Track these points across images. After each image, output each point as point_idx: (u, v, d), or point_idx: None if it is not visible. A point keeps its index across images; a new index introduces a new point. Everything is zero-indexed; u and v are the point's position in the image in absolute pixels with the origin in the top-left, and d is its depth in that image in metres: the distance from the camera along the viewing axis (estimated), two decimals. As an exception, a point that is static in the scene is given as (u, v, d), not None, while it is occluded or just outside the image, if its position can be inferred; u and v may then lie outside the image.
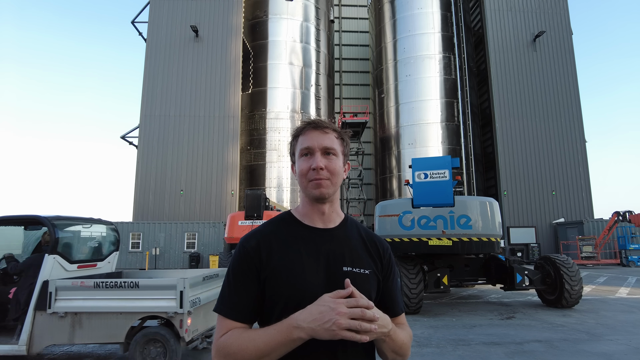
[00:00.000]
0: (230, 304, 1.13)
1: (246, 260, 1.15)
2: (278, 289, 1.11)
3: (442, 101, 27.01)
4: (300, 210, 1.24)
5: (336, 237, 1.20)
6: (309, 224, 1.21)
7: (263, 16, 28.46)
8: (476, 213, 8.45)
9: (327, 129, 1.20)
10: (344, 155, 1.24)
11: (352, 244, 1.20)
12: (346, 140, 1.26)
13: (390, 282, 1.25)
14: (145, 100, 25.82)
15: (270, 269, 1.13)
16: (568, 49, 27.44)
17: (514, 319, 7.69)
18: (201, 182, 24.96)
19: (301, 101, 27.99)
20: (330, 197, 1.19)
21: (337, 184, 1.19)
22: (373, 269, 1.19)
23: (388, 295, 1.24)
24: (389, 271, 1.25)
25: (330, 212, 1.22)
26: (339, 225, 1.23)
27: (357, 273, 1.14)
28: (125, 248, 21.08)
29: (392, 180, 28.36)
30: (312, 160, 1.16)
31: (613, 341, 5.95)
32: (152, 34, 26.70)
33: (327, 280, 1.11)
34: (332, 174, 1.17)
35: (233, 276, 1.16)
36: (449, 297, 10.75)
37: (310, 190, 1.17)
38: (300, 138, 1.21)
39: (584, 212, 25.15)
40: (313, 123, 1.20)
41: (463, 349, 5.67)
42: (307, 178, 1.17)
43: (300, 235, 1.19)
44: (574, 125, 26.43)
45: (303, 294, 1.08)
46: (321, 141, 1.17)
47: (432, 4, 28.20)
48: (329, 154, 1.18)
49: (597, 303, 9.36)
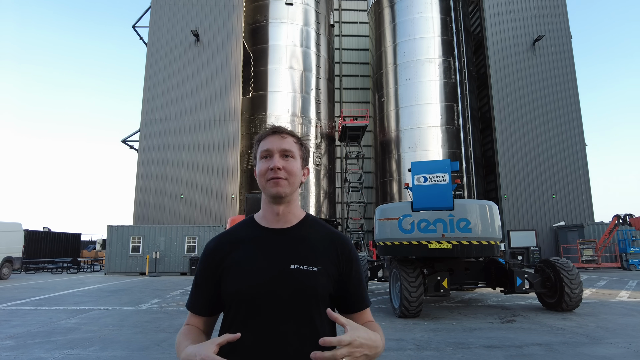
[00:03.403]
0: (192, 300, 1.31)
1: (204, 260, 1.30)
2: (229, 285, 1.23)
3: (442, 105, 27.06)
4: (260, 214, 1.34)
5: (289, 237, 1.28)
6: (265, 225, 1.31)
7: (263, 20, 28.58)
8: (476, 216, 8.47)
9: (285, 134, 1.30)
10: (302, 159, 1.32)
11: (305, 243, 1.28)
12: (305, 146, 1.35)
13: (352, 278, 1.31)
14: (145, 104, 25.89)
15: (223, 267, 1.25)
16: (567, 53, 27.52)
17: (514, 323, 7.68)
18: (202, 185, 24.98)
19: (301, 105, 28.04)
20: (288, 197, 1.27)
21: (294, 184, 1.28)
22: (325, 267, 1.25)
23: (349, 291, 1.30)
24: (350, 267, 1.30)
25: (286, 212, 1.30)
26: (295, 225, 1.31)
27: (304, 270, 1.21)
28: (125, 252, 21.08)
29: (393, 183, 28.37)
30: (271, 162, 1.25)
31: (613, 344, 5.95)
32: (153, 39, 26.81)
33: (273, 278, 1.20)
34: (289, 174, 1.25)
35: (196, 276, 1.33)
36: (449, 301, 10.74)
37: (269, 189, 1.25)
38: (261, 143, 1.30)
39: (585, 215, 25.13)
40: (273, 129, 1.31)
41: (463, 353, 5.66)
42: (265, 177, 1.25)
43: (255, 235, 1.29)
44: (574, 129, 26.47)
45: (249, 290, 1.19)
46: (280, 144, 1.27)
47: (431, 9, 28.31)
48: (287, 157, 1.27)
49: (597, 306, 9.34)
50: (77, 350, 5.85)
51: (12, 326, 7.50)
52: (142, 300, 11.09)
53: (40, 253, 26.08)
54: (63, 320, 8.07)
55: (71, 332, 6.98)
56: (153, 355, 5.57)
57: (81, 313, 8.97)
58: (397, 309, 8.40)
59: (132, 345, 6.14)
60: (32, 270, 23.79)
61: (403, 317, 8.20)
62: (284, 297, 1.18)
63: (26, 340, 6.43)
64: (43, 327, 7.43)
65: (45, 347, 5.96)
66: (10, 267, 18.69)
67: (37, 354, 5.60)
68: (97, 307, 9.80)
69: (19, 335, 6.73)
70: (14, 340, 6.44)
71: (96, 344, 6.17)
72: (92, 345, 6.09)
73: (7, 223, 19.20)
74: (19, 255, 19.35)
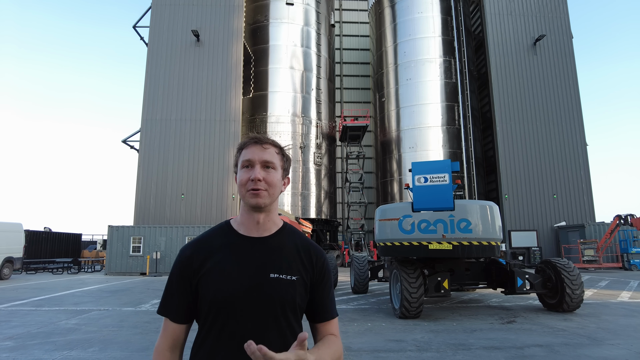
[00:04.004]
0: (167, 306, 1.28)
1: (180, 267, 1.29)
2: (205, 293, 1.22)
3: (442, 105, 27.05)
4: (238, 220, 1.33)
5: (268, 245, 1.28)
6: (243, 232, 1.30)
7: (264, 20, 28.59)
8: (476, 217, 8.44)
9: (267, 145, 1.30)
10: (283, 169, 1.33)
11: (283, 252, 1.29)
12: (286, 156, 1.36)
13: (322, 288, 1.33)
14: (146, 104, 25.90)
15: (199, 275, 1.24)
16: (568, 53, 27.48)
17: (515, 323, 7.66)
18: (202, 186, 24.99)
19: (302, 105, 28.04)
20: (267, 207, 1.28)
21: (274, 195, 1.28)
22: (302, 276, 1.27)
23: (319, 301, 1.32)
24: (322, 278, 1.33)
25: (266, 221, 1.30)
26: (274, 234, 1.31)
27: (283, 279, 1.23)
28: (126, 252, 21.08)
29: (393, 183, 28.36)
30: (252, 172, 1.25)
31: (614, 346, 5.92)
32: (154, 39, 26.82)
33: (251, 286, 1.21)
34: (269, 186, 1.26)
35: (170, 282, 1.31)
36: (449, 301, 10.71)
37: (248, 199, 1.25)
38: (243, 152, 1.30)
39: (586, 215, 25.09)
40: (255, 138, 1.30)
41: (463, 354, 5.64)
42: (245, 188, 1.25)
43: (233, 243, 1.28)
44: (575, 129, 26.43)
45: (225, 298, 1.19)
46: (261, 155, 1.27)
47: (432, 8, 28.30)
48: (268, 167, 1.27)
49: (598, 307, 9.31)
50: (76, 351, 5.83)
51: (12, 327, 7.49)
52: (142, 300, 11.08)
53: (41, 253, 26.11)
54: (63, 321, 8.06)
55: (71, 333, 6.97)
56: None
57: (81, 314, 8.96)
58: (397, 310, 8.38)
59: (132, 346, 6.13)
60: (33, 270, 23.81)
61: (403, 318, 8.18)
62: (263, 304, 1.19)
63: (26, 341, 6.42)
64: (43, 327, 7.43)
65: (44, 348, 5.95)
66: (11, 267, 18.71)
67: (37, 355, 5.59)
68: (97, 308, 9.79)
69: (19, 336, 6.72)
70: (13, 341, 6.43)
71: (96, 345, 6.15)
72: (92, 346, 6.08)
73: (8, 223, 19.22)
74: (20, 255, 19.37)
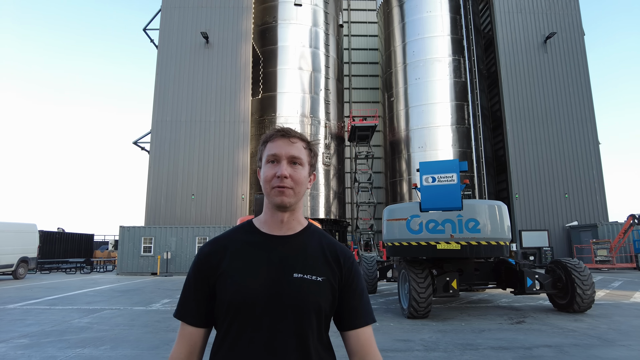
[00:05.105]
0: (184, 309, 1.20)
1: (198, 265, 1.21)
2: (223, 293, 1.15)
3: (452, 104, 26.85)
4: (262, 218, 1.26)
5: (292, 245, 1.21)
6: (266, 231, 1.23)
7: (272, 22, 28.69)
8: (485, 217, 8.39)
9: (295, 138, 1.21)
10: (310, 165, 1.24)
11: (308, 252, 1.21)
12: (314, 151, 1.27)
13: (354, 291, 1.23)
14: (156, 105, 26.20)
15: (218, 273, 1.17)
16: (580, 50, 27.09)
17: (524, 324, 7.60)
18: (212, 186, 25.18)
19: (310, 106, 28.08)
20: (292, 206, 1.20)
21: (300, 194, 1.20)
22: (328, 277, 1.19)
23: (351, 305, 1.22)
24: (351, 280, 1.24)
25: (290, 220, 1.23)
26: (298, 233, 1.24)
27: (308, 280, 1.15)
28: (137, 252, 21.35)
29: (402, 183, 28.24)
30: (278, 168, 1.17)
31: (626, 347, 5.84)
32: (164, 41, 27.11)
33: (272, 286, 1.13)
34: (296, 184, 1.18)
35: (187, 283, 1.22)
36: (458, 302, 10.65)
37: (273, 197, 1.17)
38: (269, 145, 1.21)
39: (598, 215, 24.70)
40: (282, 131, 1.21)
41: (471, 354, 5.63)
42: (270, 185, 1.17)
43: (255, 241, 1.21)
44: (587, 127, 26.04)
45: (244, 298, 1.12)
46: (288, 150, 1.18)
47: (441, 7, 28.12)
48: (295, 164, 1.19)
49: (610, 308, 9.19)
50: (88, 349, 5.95)
51: (27, 325, 7.67)
52: (152, 300, 11.23)
53: (55, 253, 26.58)
54: (75, 320, 8.22)
55: (83, 331, 7.11)
56: (163, 355, 5.64)
57: (93, 313, 9.12)
58: (405, 310, 8.38)
59: (142, 344, 6.23)
60: (47, 270, 24.24)
61: (411, 318, 8.18)
62: (285, 306, 1.12)
63: (40, 339, 6.57)
64: (56, 326, 7.58)
65: (58, 346, 6.08)
66: (26, 267, 19.09)
67: (50, 353, 5.71)
68: (109, 307, 9.95)
69: (33, 334, 6.87)
70: (28, 338, 6.58)
71: (107, 343, 6.27)
72: (104, 345, 6.19)
73: (23, 224, 19.62)
74: (34, 255, 19.75)
